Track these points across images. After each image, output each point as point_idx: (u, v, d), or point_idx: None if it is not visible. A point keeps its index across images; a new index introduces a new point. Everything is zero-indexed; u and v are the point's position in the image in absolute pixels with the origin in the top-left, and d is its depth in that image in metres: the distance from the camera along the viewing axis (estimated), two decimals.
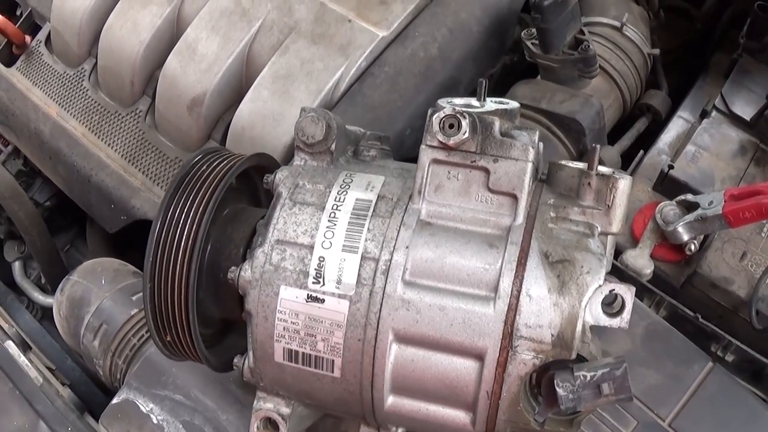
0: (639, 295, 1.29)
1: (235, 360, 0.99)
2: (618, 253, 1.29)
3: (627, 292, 0.88)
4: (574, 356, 0.85)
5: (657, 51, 1.54)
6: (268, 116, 1.34)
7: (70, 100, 1.58)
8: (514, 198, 0.90)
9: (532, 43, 1.36)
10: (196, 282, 0.94)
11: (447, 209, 0.91)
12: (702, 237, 1.30)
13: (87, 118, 1.54)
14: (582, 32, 1.33)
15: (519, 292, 0.85)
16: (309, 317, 0.90)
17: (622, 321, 0.89)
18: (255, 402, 1.00)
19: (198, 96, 1.41)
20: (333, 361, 0.91)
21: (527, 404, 0.88)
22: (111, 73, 1.53)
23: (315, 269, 0.90)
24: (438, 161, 0.91)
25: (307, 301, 0.90)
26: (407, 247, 0.88)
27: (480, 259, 0.88)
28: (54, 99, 1.59)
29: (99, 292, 1.27)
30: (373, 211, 0.91)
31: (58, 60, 1.62)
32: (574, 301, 0.85)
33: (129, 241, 1.48)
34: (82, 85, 1.58)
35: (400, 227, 0.90)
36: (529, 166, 0.89)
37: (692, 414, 1.12)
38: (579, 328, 0.84)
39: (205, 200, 0.95)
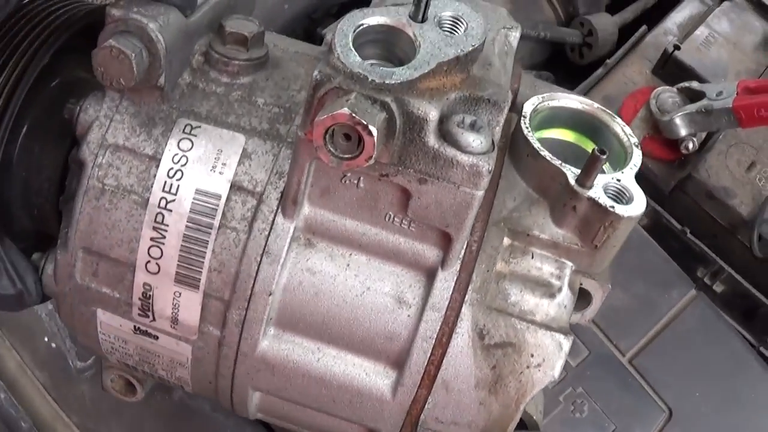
0: None
1: None
2: None
3: (599, 290, 0.65)
4: None
5: None
6: None
7: None
8: (447, 236, 0.55)
9: None
10: None
11: (338, 224, 0.57)
12: (704, 135, 1.00)
13: None
14: None
15: (433, 381, 0.58)
16: (141, 348, 0.64)
17: (584, 318, 0.69)
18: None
19: None
20: (182, 385, 0.67)
21: None
22: None
23: (140, 299, 0.60)
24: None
25: (135, 333, 0.62)
26: (270, 294, 0.57)
27: (381, 322, 0.57)
28: None
29: None
30: (222, 217, 0.57)
31: None
32: (509, 402, 0.58)
33: None
34: None
35: (262, 256, 0.57)
36: (477, 197, 0.52)
37: (660, 351, 0.90)
38: (511, 430, 0.59)
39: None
